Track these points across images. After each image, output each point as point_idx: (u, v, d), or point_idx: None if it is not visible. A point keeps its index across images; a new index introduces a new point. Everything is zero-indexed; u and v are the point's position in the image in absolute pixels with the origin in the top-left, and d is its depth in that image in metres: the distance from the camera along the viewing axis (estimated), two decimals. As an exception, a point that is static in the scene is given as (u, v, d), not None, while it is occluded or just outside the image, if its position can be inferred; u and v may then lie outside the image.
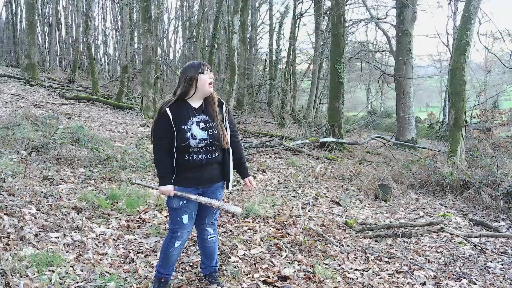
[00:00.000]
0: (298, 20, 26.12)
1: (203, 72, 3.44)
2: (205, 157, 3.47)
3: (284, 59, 27.69)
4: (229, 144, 3.58)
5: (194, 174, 3.50)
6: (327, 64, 22.17)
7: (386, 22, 21.58)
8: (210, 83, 3.48)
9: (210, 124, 3.48)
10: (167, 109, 3.42)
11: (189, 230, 3.63)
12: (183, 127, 3.41)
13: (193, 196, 3.49)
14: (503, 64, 16.73)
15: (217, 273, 3.97)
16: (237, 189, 7.68)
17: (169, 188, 3.46)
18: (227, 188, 3.74)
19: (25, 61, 18.68)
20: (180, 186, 3.50)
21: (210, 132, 3.46)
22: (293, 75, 25.99)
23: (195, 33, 26.43)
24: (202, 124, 3.46)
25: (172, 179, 3.49)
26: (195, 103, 3.52)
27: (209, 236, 3.82)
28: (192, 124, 3.43)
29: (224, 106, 3.63)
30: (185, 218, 3.55)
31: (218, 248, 4.45)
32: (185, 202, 3.51)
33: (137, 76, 22.60)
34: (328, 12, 20.79)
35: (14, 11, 30.21)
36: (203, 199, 3.53)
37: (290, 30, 26.03)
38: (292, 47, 26.02)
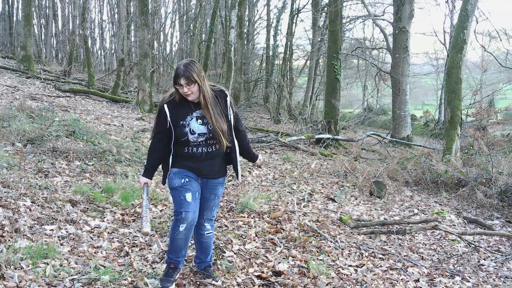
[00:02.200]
0: (296, 16, 26.10)
1: (179, 84, 3.36)
2: (205, 150, 3.49)
3: (281, 54, 27.66)
4: (228, 138, 3.55)
5: (193, 164, 3.52)
6: (324, 60, 22.17)
7: (383, 20, 21.58)
8: (187, 95, 3.40)
9: (207, 119, 3.46)
10: (165, 105, 3.45)
11: (193, 210, 3.52)
12: (181, 122, 3.43)
13: (144, 196, 3.55)
14: (499, 63, 16.81)
15: (211, 267, 3.97)
16: (232, 184, 7.69)
17: (142, 180, 3.59)
18: (238, 179, 3.91)
19: (21, 53, 18.59)
20: (179, 167, 3.54)
21: (210, 127, 3.44)
22: (289, 71, 25.97)
23: (192, 27, 26.38)
24: (201, 119, 3.46)
25: (153, 173, 3.63)
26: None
27: (206, 232, 3.80)
28: (191, 120, 3.44)
29: (228, 99, 3.60)
30: (188, 196, 3.50)
31: (213, 243, 4.46)
32: (187, 179, 3.51)
33: (134, 70, 22.51)
34: (325, 8, 20.76)
35: (10, 2, 30.14)
36: (144, 202, 3.52)
37: (288, 25, 26.04)
38: (289, 43, 26.00)
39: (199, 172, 3.57)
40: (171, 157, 3.53)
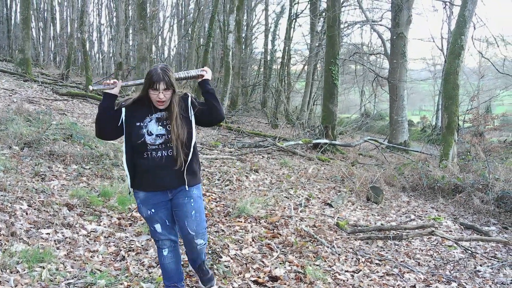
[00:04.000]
0: (294, 20, 26.16)
1: (155, 89, 3.14)
2: (165, 154, 3.22)
3: (279, 59, 27.74)
4: (187, 140, 3.26)
5: (156, 177, 3.26)
6: (322, 65, 22.18)
7: (381, 25, 21.66)
8: (158, 101, 3.19)
9: (168, 121, 3.24)
10: (123, 108, 3.27)
11: (168, 237, 3.44)
12: (138, 124, 3.22)
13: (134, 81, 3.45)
14: (497, 70, 16.83)
15: (205, 261, 3.73)
16: (229, 189, 7.68)
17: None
18: (186, 185, 3.33)
19: (19, 56, 18.56)
20: (145, 190, 3.31)
21: (169, 127, 3.21)
22: (287, 76, 26.04)
23: (190, 32, 26.44)
24: (161, 121, 3.24)
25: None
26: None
27: (199, 246, 3.45)
28: (150, 121, 3.23)
29: (189, 99, 3.37)
30: (157, 227, 3.37)
31: (210, 247, 4.46)
32: (153, 210, 3.32)
33: (131, 74, 22.52)
34: (323, 14, 20.86)
35: (9, 5, 30.10)
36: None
37: (286, 30, 26.11)
38: (287, 47, 26.07)
39: (164, 185, 3.29)
40: (125, 165, 3.27)
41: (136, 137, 3.20)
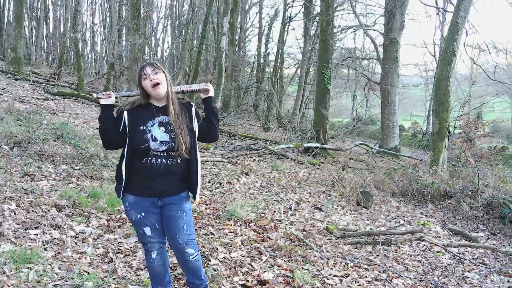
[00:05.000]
0: (287, 24, 26.21)
1: (144, 74, 3.16)
2: (165, 162, 3.19)
3: (272, 62, 27.79)
4: (189, 152, 3.25)
5: (151, 182, 3.22)
6: (315, 69, 22.23)
7: (374, 30, 21.77)
8: (153, 86, 3.16)
9: (172, 127, 3.20)
10: (125, 112, 3.22)
11: (158, 240, 3.41)
12: (141, 128, 3.17)
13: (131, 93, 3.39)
14: (488, 76, 16.97)
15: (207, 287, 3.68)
16: (220, 191, 7.68)
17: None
18: (194, 198, 3.42)
19: (11, 55, 18.46)
20: (136, 194, 3.25)
21: (173, 135, 3.19)
22: (280, 79, 26.07)
23: (183, 33, 26.37)
24: (164, 126, 3.20)
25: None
26: (158, 102, 3.27)
27: (191, 257, 3.40)
28: (153, 125, 3.18)
29: (193, 109, 3.36)
30: (147, 230, 3.32)
31: (199, 250, 4.45)
32: (143, 214, 3.27)
33: (124, 74, 22.47)
34: (317, 18, 20.89)
35: (1, 3, 29.92)
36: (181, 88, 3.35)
37: (279, 33, 26.15)
38: (280, 51, 26.11)
39: (157, 192, 3.24)
40: (123, 168, 3.21)
41: (140, 141, 3.14)
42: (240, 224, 6.03)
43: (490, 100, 22.97)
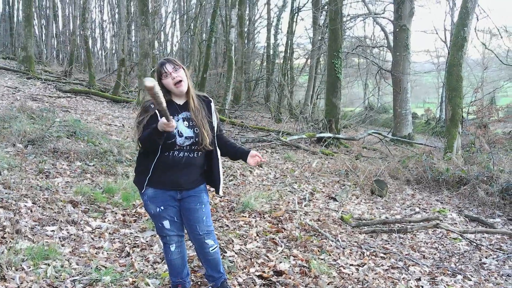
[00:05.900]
0: (296, 14, 26.11)
1: (165, 72, 3.16)
2: (186, 155, 3.23)
3: (282, 53, 27.66)
4: (211, 144, 3.30)
5: (171, 176, 3.25)
6: (325, 59, 22.17)
7: (384, 18, 21.59)
8: (176, 84, 3.17)
9: (194, 122, 3.24)
10: (152, 105, 3.07)
11: (177, 233, 3.43)
12: None
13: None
14: (500, 61, 16.78)
15: (227, 281, 3.69)
16: (234, 184, 7.69)
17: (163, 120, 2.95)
18: (217, 192, 3.51)
19: (21, 54, 18.61)
20: (156, 188, 3.27)
21: (197, 130, 3.23)
22: (290, 70, 25.98)
23: (192, 27, 26.36)
24: (187, 122, 3.24)
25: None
26: (179, 100, 3.30)
27: (211, 249, 3.43)
28: (178, 121, 3.19)
29: (212, 104, 3.41)
30: (166, 224, 3.34)
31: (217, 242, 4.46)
32: (162, 208, 3.29)
33: (134, 70, 22.55)
34: (326, 7, 20.75)
35: (11, 3, 30.12)
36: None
37: (288, 24, 26.03)
38: (289, 41, 26.01)
39: (177, 184, 3.27)
40: (152, 162, 3.23)
41: (167, 137, 3.10)
42: (255, 216, 6.03)
43: (503, 85, 22.72)
